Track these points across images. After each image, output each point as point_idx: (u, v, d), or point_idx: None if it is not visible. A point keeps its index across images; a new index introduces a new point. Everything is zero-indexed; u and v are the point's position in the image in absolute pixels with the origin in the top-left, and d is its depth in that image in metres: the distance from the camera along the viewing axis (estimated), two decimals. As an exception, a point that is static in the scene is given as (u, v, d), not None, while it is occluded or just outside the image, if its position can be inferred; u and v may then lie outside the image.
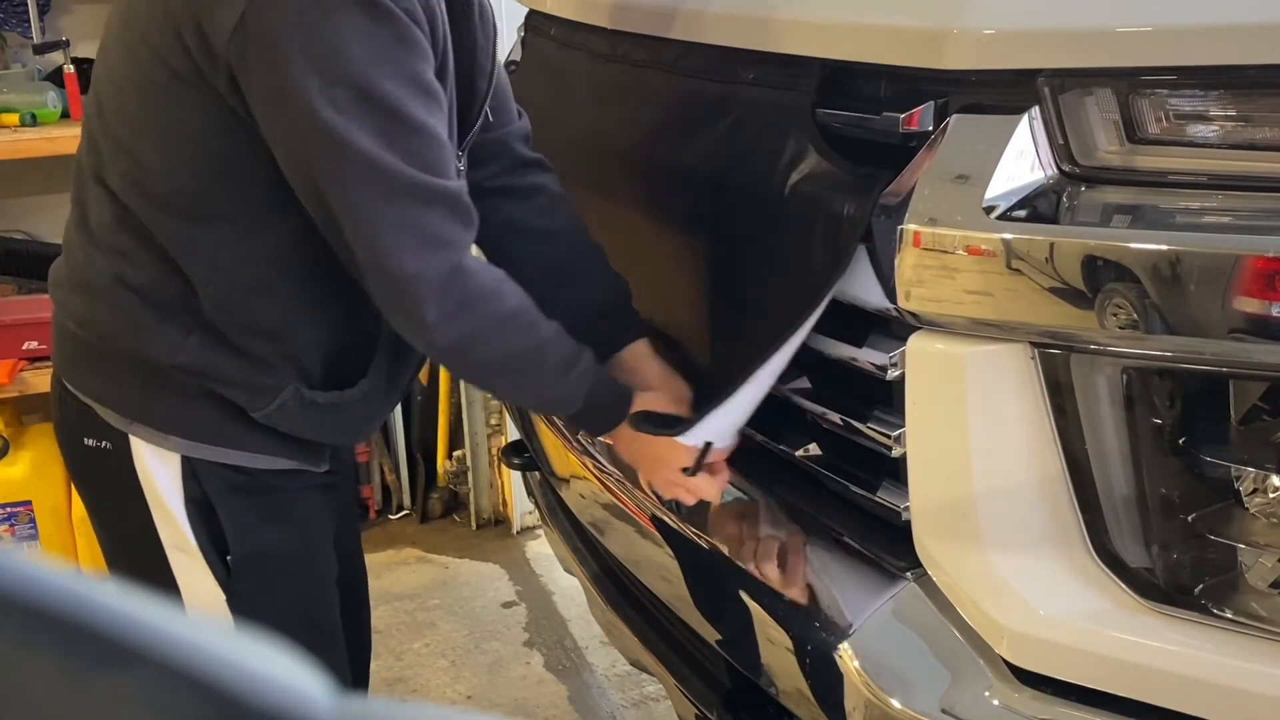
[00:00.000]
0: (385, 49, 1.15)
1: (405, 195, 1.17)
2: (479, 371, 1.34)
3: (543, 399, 1.36)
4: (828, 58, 1.21)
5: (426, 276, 1.19)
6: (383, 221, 1.17)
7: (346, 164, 1.15)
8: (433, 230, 1.19)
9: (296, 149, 1.18)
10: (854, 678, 1.15)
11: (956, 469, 1.09)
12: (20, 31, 3.23)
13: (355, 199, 1.17)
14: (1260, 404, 1.05)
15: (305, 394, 1.37)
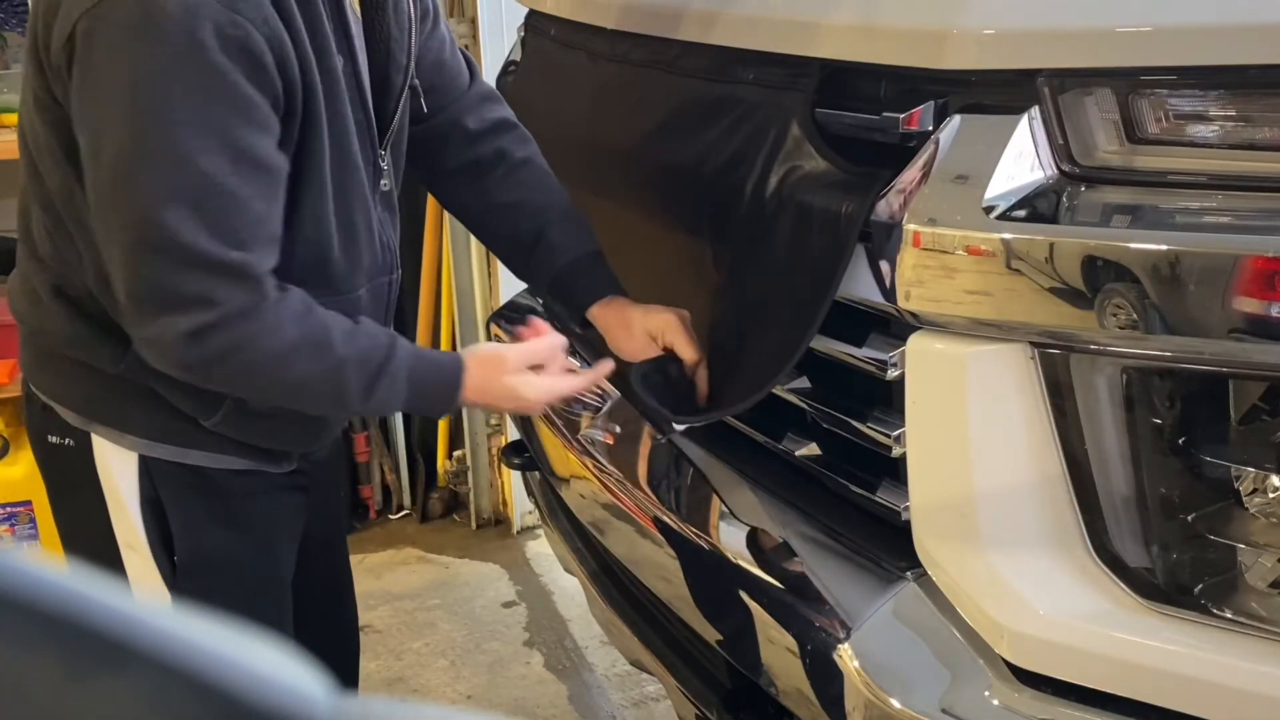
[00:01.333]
0: (213, 115, 1.14)
1: (161, 250, 1.16)
2: (275, 399, 1.32)
3: (360, 410, 1.34)
4: (828, 58, 1.21)
5: (172, 330, 1.19)
6: (139, 270, 1.17)
7: (115, 210, 1.16)
8: (180, 289, 1.18)
9: (96, 185, 1.18)
10: (854, 678, 1.15)
11: (956, 469, 1.09)
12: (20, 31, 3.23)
13: (120, 242, 1.17)
14: (1260, 404, 1.05)
15: (248, 405, 1.36)
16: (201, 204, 1.15)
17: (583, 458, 1.67)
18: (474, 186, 1.54)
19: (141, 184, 1.14)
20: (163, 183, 1.14)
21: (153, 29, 1.11)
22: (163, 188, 1.14)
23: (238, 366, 1.22)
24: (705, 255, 1.42)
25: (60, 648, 0.29)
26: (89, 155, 1.17)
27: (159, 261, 1.16)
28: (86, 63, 1.14)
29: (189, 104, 1.13)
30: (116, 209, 1.17)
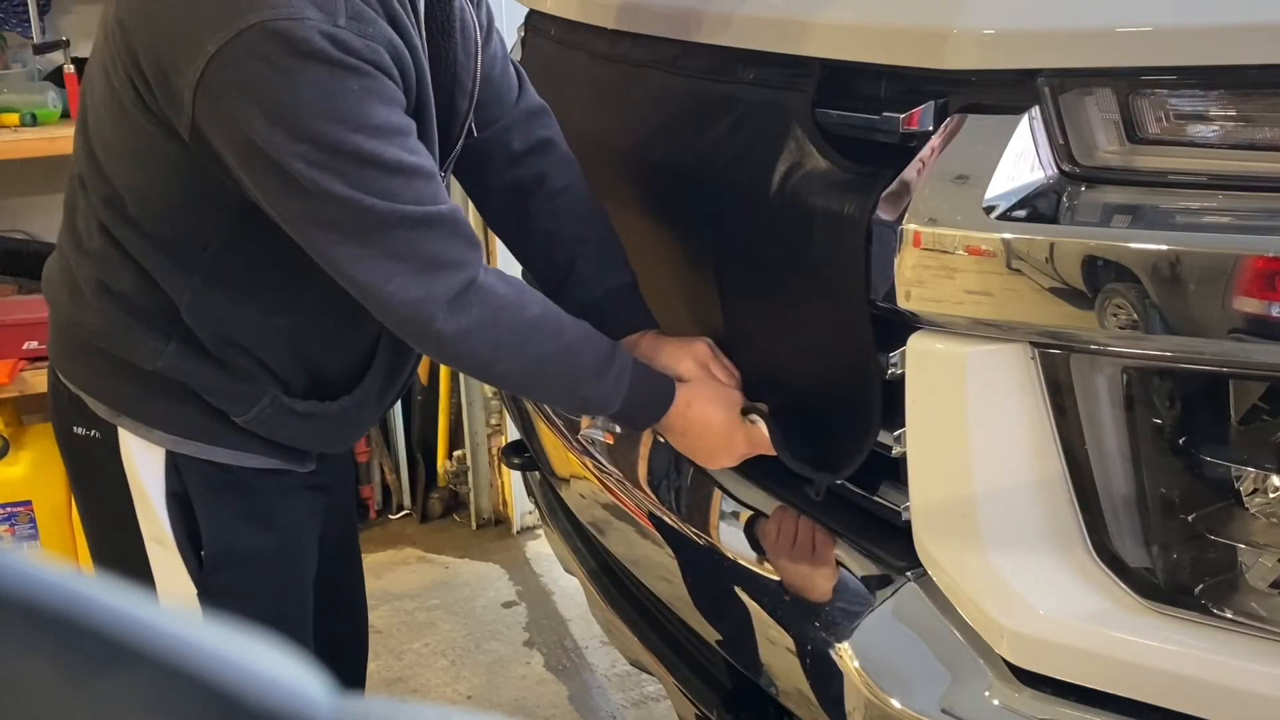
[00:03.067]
0: (349, 104, 1.14)
1: (395, 227, 1.17)
2: (509, 380, 1.34)
3: (583, 400, 1.34)
4: (828, 58, 1.21)
5: (432, 297, 1.19)
6: (373, 254, 1.17)
7: (328, 209, 1.15)
8: (430, 253, 1.19)
9: (273, 197, 1.18)
10: (854, 678, 1.15)
11: (956, 469, 1.09)
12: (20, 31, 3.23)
13: (343, 239, 1.17)
14: (1260, 404, 1.05)
15: (284, 401, 1.38)
16: (398, 178, 1.16)
17: (583, 458, 1.67)
18: (514, 209, 1.54)
19: (342, 186, 1.14)
20: (359, 177, 1.14)
21: (300, 54, 1.11)
22: (360, 181, 1.14)
23: (489, 340, 1.23)
24: (705, 256, 1.42)
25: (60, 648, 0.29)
26: (274, 186, 1.16)
27: (392, 238, 1.17)
28: (239, 96, 1.12)
29: (342, 108, 1.13)
30: (330, 217, 1.16)
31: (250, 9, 1.10)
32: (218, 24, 1.10)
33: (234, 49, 1.10)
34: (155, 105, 1.19)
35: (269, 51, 1.10)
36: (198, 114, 1.15)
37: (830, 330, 1.21)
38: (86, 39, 2.99)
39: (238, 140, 1.14)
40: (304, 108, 1.12)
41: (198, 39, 1.11)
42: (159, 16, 1.16)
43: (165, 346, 1.33)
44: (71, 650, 0.29)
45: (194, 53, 1.11)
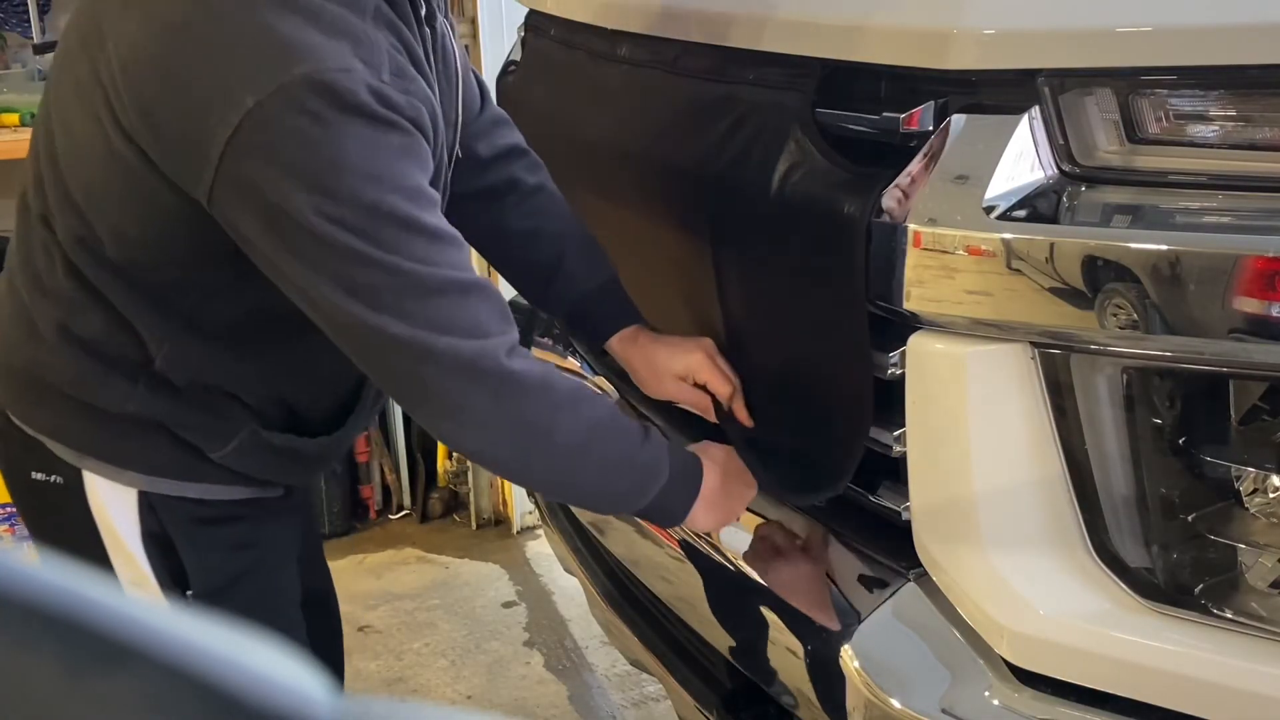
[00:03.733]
0: (389, 163, 1.08)
1: (437, 293, 1.10)
2: (556, 456, 1.21)
3: (634, 469, 1.25)
4: (828, 58, 1.21)
5: (489, 350, 1.13)
6: (422, 320, 1.10)
7: (367, 274, 1.08)
8: (474, 318, 1.13)
9: (300, 264, 1.09)
10: (854, 678, 1.15)
11: (956, 469, 1.09)
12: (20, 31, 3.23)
13: (378, 307, 1.09)
14: (1260, 404, 1.05)
15: (262, 435, 1.32)
16: (436, 244, 1.11)
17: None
18: (488, 213, 1.50)
19: (381, 251, 1.07)
20: (399, 242, 1.08)
21: (345, 108, 1.05)
22: (400, 246, 1.08)
23: (539, 404, 1.16)
24: (705, 256, 1.42)
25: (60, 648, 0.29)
26: (303, 252, 1.08)
27: (433, 305, 1.10)
28: (275, 154, 1.05)
29: (383, 167, 1.08)
30: (368, 283, 1.08)
31: (294, 60, 1.04)
32: (258, 77, 1.04)
33: (275, 102, 1.03)
34: (162, 159, 1.12)
35: (313, 105, 1.04)
36: (222, 173, 1.06)
37: (827, 332, 1.21)
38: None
39: (266, 203, 1.06)
40: (346, 166, 1.05)
41: (232, 93, 1.04)
42: (176, 67, 1.07)
43: (134, 389, 1.26)
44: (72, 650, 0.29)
45: (226, 108, 1.04)
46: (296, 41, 1.05)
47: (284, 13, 1.06)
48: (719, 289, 1.39)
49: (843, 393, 1.22)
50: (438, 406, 1.16)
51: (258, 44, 1.05)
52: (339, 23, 1.08)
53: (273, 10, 1.06)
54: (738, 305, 1.39)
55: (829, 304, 1.19)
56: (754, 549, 1.37)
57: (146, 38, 1.09)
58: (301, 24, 1.06)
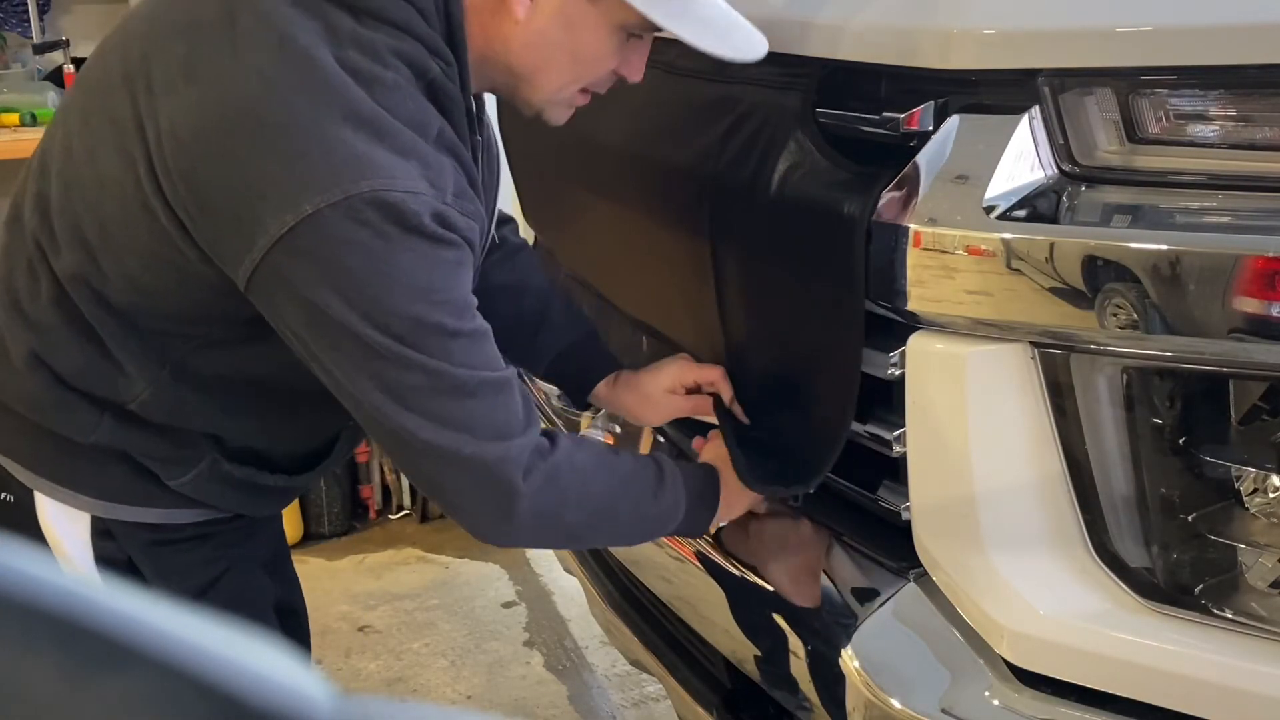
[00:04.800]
0: (441, 280, 1.09)
1: (474, 394, 1.12)
2: (578, 528, 1.24)
3: (654, 517, 1.28)
4: (828, 58, 1.21)
5: (510, 458, 1.14)
6: (452, 423, 1.11)
7: (406, 375, 1.09)
8: (506, 414, 1.15)
9: (338, 358, 1.10)
10: (854, 678, 1.15)
11: (956, 469, 1.09)
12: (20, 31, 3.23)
13: (412, 406, 1.10)
14: (1260, 404, 1.05)
15: (224, 466, 1.30)
16: (475, 347, 1.12)
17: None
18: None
19: (423, 356, 1.09)
20: (441, 348, 1.09)
21: (408, 228, 1.05)
22: (442, 351, 1.09)
23: (558, 489, 1.18)
24: (705, 256, 1.42)
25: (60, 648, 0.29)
26: (343, 349, 1.08)
27: (470, 404, 1.11)
28: (326, 260, 1.05)
29: (436, 281, 1.09)
30: (406, 383, 1.09)
31: (363, 174, 1.04)
32: (323, 184, 1.03)
33: (336, 212, 1.03)
34: (201, 232, 1.11)
35: (376, 219, 1.04)
36: (267, 263, 1.06)
37: (821, 328, 1.21)
38: (86, 39, 3.00)
39: (308, 301, 1.07)
40: (398, 280, 1.06)
41: (292, 195, 1.04)
42: (239, 154, 1.06)
43: (99, 422, 1.24)
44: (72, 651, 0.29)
45: (284, 207, 1.04)
46: (366, 157, 1.04)
47: (357, 128, 1.05)
48: (718, 288, 1.39)
49: (829, 389, 1.23)
50: (458, 505, 1.17)
51: (328, 152, 1.04)
52: (409, 144, 1.07)
53: (348, 124, 1.05)
54: (737, 304, 1.39)
55: (826, 301, 1.19)
56: (754, 549, 1.37)
57: (211, 118, 1.07)
58: (373, 141, 1.05)
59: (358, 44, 1.08)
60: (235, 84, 1.07)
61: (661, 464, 1.27)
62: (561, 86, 1.25)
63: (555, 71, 1.23)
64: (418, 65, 1.12)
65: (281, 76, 1.05)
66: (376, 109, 1.06)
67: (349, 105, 1.05)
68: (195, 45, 1.10)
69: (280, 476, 1.35)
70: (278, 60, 1.06)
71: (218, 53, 1.08)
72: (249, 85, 1.06)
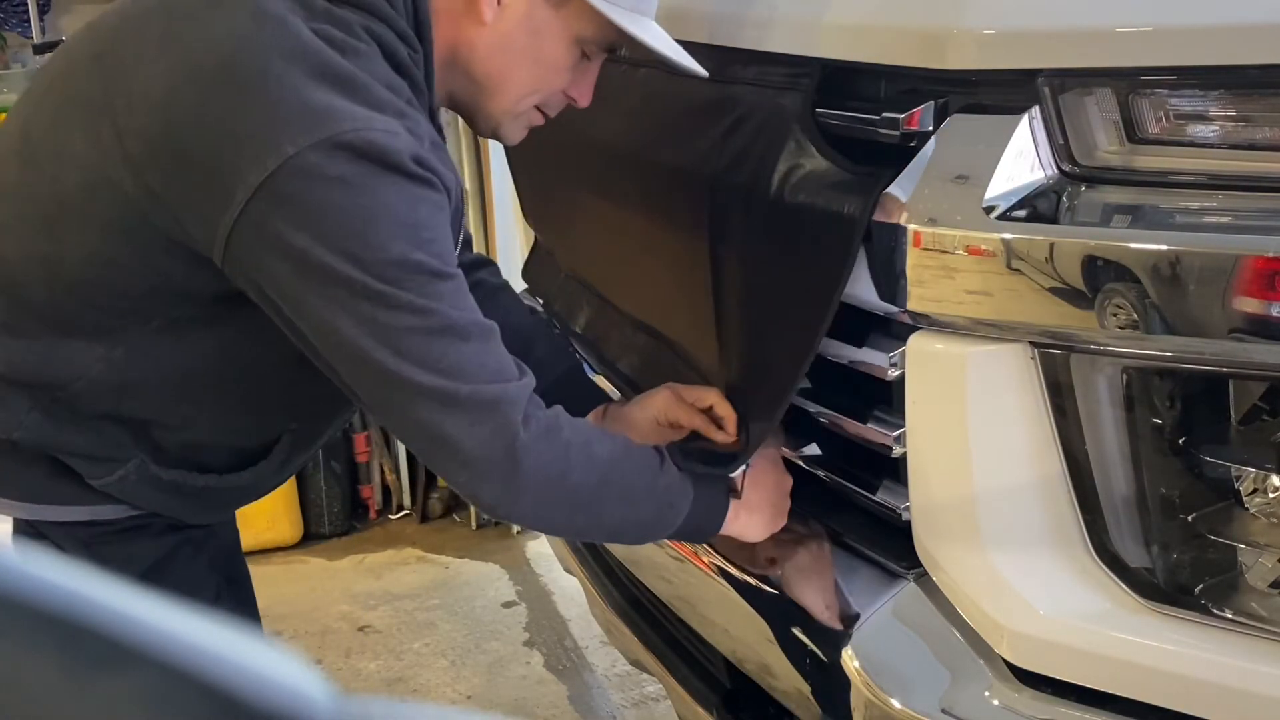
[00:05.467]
0: (424, 215, 1.09)
1: (468, 335, 1.11)
2: (581, 491, 1.19)
3: (662, 493, 1.24)
4: (828, 58, 1.21)
5: (509, 398, 1.12)
6: (447, 366, 1.09)
7: (399, 318, 1.07)
8: (498, 361, 1.13)
9: (326, 309, 1.08)
10: (854, 678, 1.15)
11: (956, 469, 1.09)
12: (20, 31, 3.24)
13: (407, 352, 1.08)
14: (1260, 404, 1.05)
15: (150, 468, 1.25)
16: (461, 291, 1.12)
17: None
18: None
19: (414, 296, 1.08)
20: (432, 289, 1.09)
21: (389, 165, 1.06)
22: (433, 293, 1.09)
23: (560, 442, 1.15)
24: (705, 256, 1.42)
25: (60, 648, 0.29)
26: (330, 298, 1.07)
27: (466, 347, 1.10)
28: (309, 203, 1.05)
29: (431, 223, 1.09)
30: (401, 325, 1.07)
31: (342, 116, 1.05)
32: (302, 127, 1.04)
33: (317, 151, 1.04)
34: (173, 196, 1.10)
35: (356, 159, 1.04)
36: (247, 215, 1.05)
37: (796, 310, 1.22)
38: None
39: (293, 247, 1.05)
40: (382, 216, 1.06)
41: (273, 139, 1.04)
42: (213, 110, 1.07)
43: (25, 417, 1.19)
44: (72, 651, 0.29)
45: (264, 152, 1.04)
46: (343, 106, 1.06)
47: (333, 84, 1.06)
48: (717, 289, 1.39)
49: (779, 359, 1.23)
50: (456, 457, 1.13)
51: (304, 100, 1.05)
52: (385, 99, 1.09)
53: (325, 81, 1.06)
54: (735, 305, 1.39)
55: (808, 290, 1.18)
56: (754, 549, 1.37)
57: (184, 77, 1.08)
58: (348, 95, 1.06)
59: (330, 19, 1.11)
60: (208, 45, 1.08)
61: (661, 451, 1.26)
62: (521, 97, 1.27)
63: (517, 79, 1.25)
64: (387, 45, 1.14)
65: (254, 35, 1.07)
66: (351, 68, 1.08)
67: (324, 64, 1.07)
68: (170, 21, 1.12)
69: (211, 476, 1.30)
70: (250, 22, 1.08)
71: (192, 23, 1.11)
72: (222, 45, 1.08)
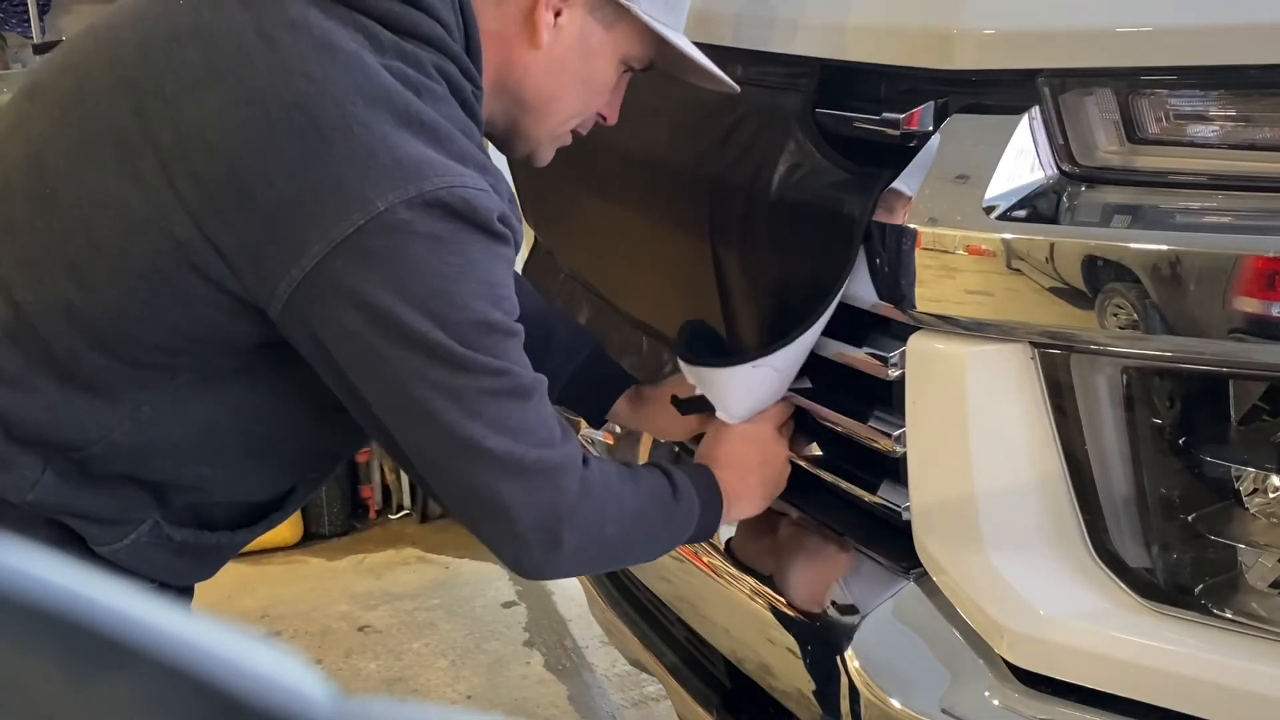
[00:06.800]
0: (502, 276, 1.07)
1: (526, 396, 1.08)
2: (616, 542, 1.19)
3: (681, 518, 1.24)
4: (828, 58, 1.21)
5: (568, 463, 1.11)
6: (520, 421, 1.07)
7: (473, 379, 1.04)
8: (552, 417, 1.12)
9: (391, 368, 1.04)
10: (854, 678, 1.15)
11: (956, 469, 1.09)
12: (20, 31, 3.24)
13: (480, 412, 1.05)
14: (1260, 404, 1.05)
15: (164, 529, 1.17)
16: (520, 353, 1.09)
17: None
18: None
19: (489, 358, 1.05)
20: (504, 349, 1.06)
21: (478, 225, 1.03)
22: (504, 352, 1.06)
23: (599, 499, 1.14)
24: (705, 256, 1.42)
25: (60, 648, 0.29)
26: (404, 358, 1.03)
27: (532, 407, 1.08)
28: (396, 259, 1.01)
29: (506, 283, 1.08)
30: (479, 387, 1.05)
31: (434, 172, 1.01)
32: (392, 181, 0.99)
33: (410, 208, 0.99)
34: (228, 245, 1.03)
35: (448, 216, 1.01)
36: (319, 274, 1.00)
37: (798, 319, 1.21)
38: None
39: (370, 304, 1.01)
40: (470, 278, 1.03)
41: (358, 192, 0.99)
42: (290, 159, 1.00)
43: (40, 477, 1.09)
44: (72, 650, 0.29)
45: (349, 207, 0.99)
46: (432, 158, 1.02)
47: (417, 132, 1.02)
48: (718, 288, 1.39)
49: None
50: (508, 528, 1.10)
51: (393, 151, 1.00)
52: (467, 150, 1.06)
53: (408, 128, 1.02)
54: (737, 304, 1.39)
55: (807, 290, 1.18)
56: (754, 549, 1.37)
57: (249, 119, 1.01)
58: (433, 144, 1.03)
59: (401, 55, 1.05)
60: (276, 83, 1.01)
61: (667, 470, 1.25)
62: (568, 118, 1.25)
63: (567, 101, 1.23)
64: (454, 83, 1.10)
65: (330, 77, 1.01)
66: (433, 114, 1.04)
67: (406, 110, 1.02)
68: (211, 48, 1.04)
69: (223, 534, 1.24)
70: (324, 61, 1.01)
71: (245, 54, 1.02)
72: (294, 84, 1.01)
